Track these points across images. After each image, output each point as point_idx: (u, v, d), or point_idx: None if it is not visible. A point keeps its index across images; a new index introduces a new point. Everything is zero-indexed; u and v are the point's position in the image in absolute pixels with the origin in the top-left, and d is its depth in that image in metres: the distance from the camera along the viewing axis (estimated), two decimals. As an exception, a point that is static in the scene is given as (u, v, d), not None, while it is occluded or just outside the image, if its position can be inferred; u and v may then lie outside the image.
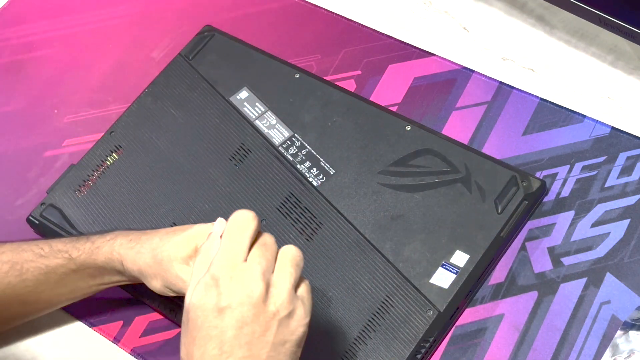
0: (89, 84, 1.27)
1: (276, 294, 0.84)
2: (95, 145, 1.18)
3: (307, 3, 1.26)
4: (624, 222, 1.02)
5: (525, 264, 1.02)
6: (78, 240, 1.01)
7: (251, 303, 0.83)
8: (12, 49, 1.33)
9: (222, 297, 0.83)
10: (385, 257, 1.03)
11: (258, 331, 0.83)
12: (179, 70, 1.21)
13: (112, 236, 1.00)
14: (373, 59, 1.19)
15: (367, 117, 1.12)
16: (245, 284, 0.84)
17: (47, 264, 1.01)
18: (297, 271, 0.86)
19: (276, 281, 0.85)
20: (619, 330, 0.95)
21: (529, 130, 1.10)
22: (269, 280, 0.84)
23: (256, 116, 1.15)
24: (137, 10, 1.32)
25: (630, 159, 1.05)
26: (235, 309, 0.83)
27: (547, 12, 1.18)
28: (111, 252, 0.99)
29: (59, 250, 1.01)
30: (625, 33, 1.04)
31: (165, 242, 0.96)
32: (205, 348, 0.83)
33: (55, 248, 1.01)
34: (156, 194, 1.12)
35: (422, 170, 1.07)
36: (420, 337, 0.98)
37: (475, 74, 1.15)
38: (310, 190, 1.08)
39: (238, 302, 0.83)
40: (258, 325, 0.83)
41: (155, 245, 0.96)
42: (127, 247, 0.98)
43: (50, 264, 1.01)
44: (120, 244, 0.98)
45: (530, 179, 1.04)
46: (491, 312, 1.00)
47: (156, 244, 0.96)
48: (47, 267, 1.01)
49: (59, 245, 1.02)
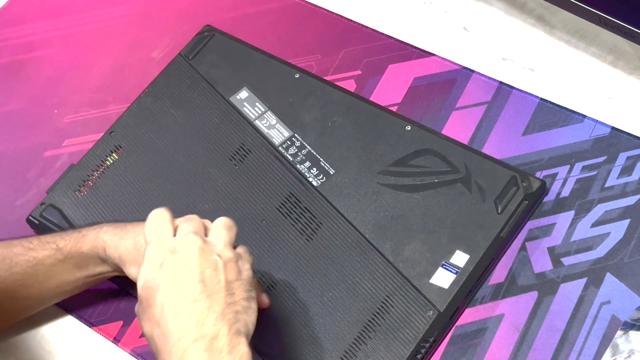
0: (89, 84, 1.27)
1: (214, 245, 0.91)
2: (95, 145, 1.18)
3: (307, 3, 1.26)
4: (624, 222, 1.02)
5: (525, 264, 1.02)
6: (66, 231, 1.04)
7: (195, 247, 0.89)
8: (12, 49, 1.33)
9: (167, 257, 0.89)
10: (385, 257, 1.03)
11: (208, 272, 0.88)
12: (179, 70, 1.21)
13: (99, 225, 1.02)
14: (373, 59, 1.19)
15: (367, 117, 1.12)
16: (187, 239, 0.90)
17: (35, 255, 1.02)
18: (229, 233, 0.93)
19: (211, 238, 0.92)
20: (619, 330, 0.95)
21: (529, 130, 1.10)
22: (204, 238, 0.91)
23: (256, 116, 1.15)
24: (137, 10, 1.32)
25: (630, 159, 1.05)
26: (183, 256, 0.89)
27: (547, 12, 1.18)
28: (96, 239, 1.01)
29: (47, 241, 1.03)
30: (625, 33, 1.04)
31: None
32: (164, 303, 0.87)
33: (43, 240, 1.03)
34: (156, 194, 1.12)
35: (422, 170, 1.07)
36: (420, 337, 0.98)
37: (475, 74, 1.15)
38: (310, 190, 1.08)
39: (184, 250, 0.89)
40: (207, 265, 0.88)
41: (139, 232, 0.98)
42: (111, 234, 1.00)
43: (38, 255, 1.02)
44: (106, 231, 1.01)
45: (530, 179, 1.04)
46: (491, 312, 1.00)
47: (139, 232, 0.98)
48: (35, 259, 1.02)
49: (47, 237, 1.04)
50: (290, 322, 1.01)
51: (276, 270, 1.04)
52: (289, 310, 1.02)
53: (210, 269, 0.89)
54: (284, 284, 1.03)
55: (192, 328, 0.86)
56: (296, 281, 1.03)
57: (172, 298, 0.87)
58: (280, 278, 1.04)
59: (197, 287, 0.87)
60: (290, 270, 1.04)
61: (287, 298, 1.03)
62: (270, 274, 1.04)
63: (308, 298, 1.02)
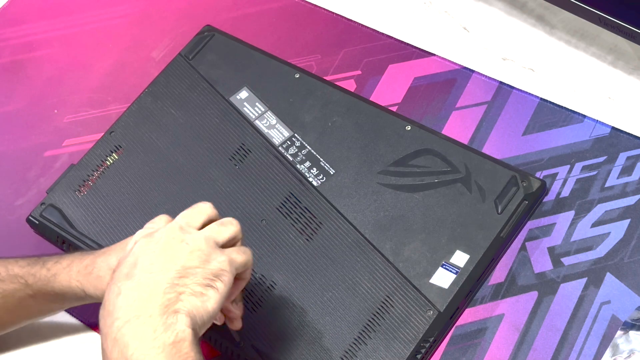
0: (89, 84, 1.27)
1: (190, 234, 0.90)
2: (95, 145, 1.18)
3: (307, 3, 1.26)
4: (624, 222, 1.02)
5: (525, 264, 1.02)
6: (33, 266, 1.00)
7: (167, 233, 0.89)
8: (12, 49, 1.33)
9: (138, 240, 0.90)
10: (385, 257, 1.03)
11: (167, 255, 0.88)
12: (179, 70, 1.21)
13: (68, 262, 0.99)
14: (373, 59, 1.19)
15: (367, 117, 1.12)
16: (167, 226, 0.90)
17: (5, 287, 1.00)
18: (220, 227, 0.92)
19: (201, 230, 0.91)
20: (619, 330, 0.95)
21: (529, 130, 1.10)
22: (185, 228, 0.90)
23: (256, 116, 1.15)
24: (137, 10, 1.32)
25: (630, 159, 1.05)
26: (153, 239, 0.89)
27: (547, 12, 1.18)
28: (69, 280, 0.98)
29: (15, 275, 1.00)
30: (625, 33, 1.04)
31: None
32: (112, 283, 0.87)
33: (11, 272, 1.00)
34: (156, 194, 1.12)
35: (422, 170, 1.07)
36: (420, 337, 0.98)
37: (475, 74, 1.15)
38: (310, 190, 1.08)
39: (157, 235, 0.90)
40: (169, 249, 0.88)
41: (112, 263, 0.95)
42: (84, 274, 0.97)
43: (7, 288, 1.00)
44: (78, 271, 0.98)
45: (530, 179, 1.04)
46: (491, 312, 1.00)
47: (113, 262, 0.95)
48: (5, 292, 1.00)
49: (15, 269, 1.01)
50: (290, 322, 1.01)
51: (276, 270, 1.04)
52: (289, 310, 1.02)
53: (170, 253, 0.87)
54: (284, 284, 1.03)
55: (128, 308, 0.84)
56: (296, 281, 1.03)
57: (120, 278, 0.86)
58: (280, 278, 1.04)
59: (147, 268, 0.86)
60: (290, 270, 1.04)
61: (287, 298, 1.03)
62: (270, 274, 1.04)
63: (308, 298, 1.02)
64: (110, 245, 0.99)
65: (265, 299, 1.03)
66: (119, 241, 0.98)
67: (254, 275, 1.04)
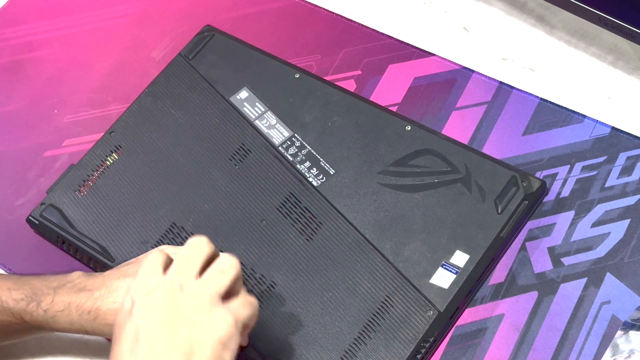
0: (89, 84, 1.27)
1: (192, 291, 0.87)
2: (95, 145, 1.18)
3: (307, 3, 1.26)
4: (624, 222, 1.02)
5: (525, 264, 1.02)
6: (29, 303, 0.98)
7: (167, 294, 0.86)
8: (12, 49, 1.33)
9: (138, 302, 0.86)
10: (385, 257, 1.03)
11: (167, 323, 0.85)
12: (179, 70, 1.21)
13: (65, 304, 0.97)
14: (373, 59, 1.19)
15: (367, 117, 1.12)
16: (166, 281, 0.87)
17: (1, 319, 0.99)
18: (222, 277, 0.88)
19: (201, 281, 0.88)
20: (619, 330, 0.95)
21: (529, 130, 1.10)
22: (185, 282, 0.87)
23: (256, 116, 1.15)
24: (137, 10, 1.32)
25: (630, 159, 1.05)
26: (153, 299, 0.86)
27: (547, 12, 1.18)
28: (71, 324, 0.97)
29: (10, 309, 0.98)
30: (625, 33, 1.04)
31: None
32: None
33: (6, 305, 0.98)
34: (156, 194, 1.12)
35: (422, 170, 1.07)
36: (420, 337, 0.98)
37: (475, 74, 1.15)
38: (310, 190, 1.08)
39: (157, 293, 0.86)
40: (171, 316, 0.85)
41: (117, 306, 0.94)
42: (88, 320, 0.96)
43: (3, 319, 0.99)
44: (79, 316, 0.96)
45: (530, 179, 1.04)
46: (491, 312, 1.00)
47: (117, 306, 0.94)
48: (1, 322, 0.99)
49: (9, 302, 0.98)
50: (290, 322, 1.01)
51: (276, 270, 1.04)
52: (289, 310, 1.02)
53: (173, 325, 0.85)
54: (284, 284, 1.03)
55: None
56: (296, 281, 1.03)
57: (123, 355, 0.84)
58: (280, 278, 1.04)
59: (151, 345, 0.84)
60: (290, 270, 1.04)
61: (287, 298, 1.03)
62: (270, 274, 1.04)
63: (308, 298, 1.02)
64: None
65: (265, 299, 1.03)
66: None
67: (254, 275, 1.04)
